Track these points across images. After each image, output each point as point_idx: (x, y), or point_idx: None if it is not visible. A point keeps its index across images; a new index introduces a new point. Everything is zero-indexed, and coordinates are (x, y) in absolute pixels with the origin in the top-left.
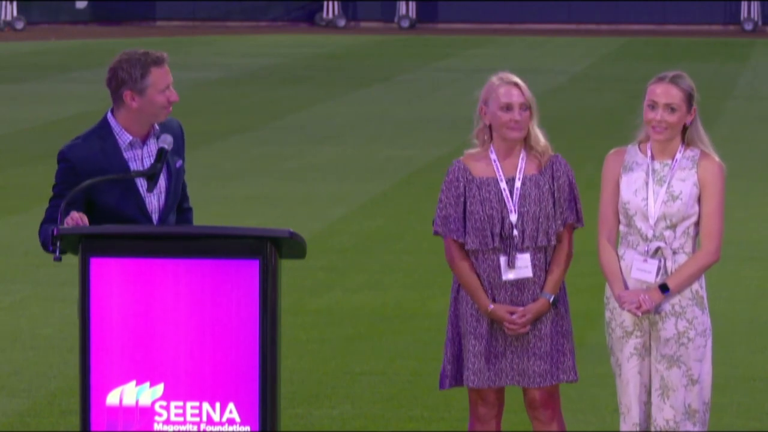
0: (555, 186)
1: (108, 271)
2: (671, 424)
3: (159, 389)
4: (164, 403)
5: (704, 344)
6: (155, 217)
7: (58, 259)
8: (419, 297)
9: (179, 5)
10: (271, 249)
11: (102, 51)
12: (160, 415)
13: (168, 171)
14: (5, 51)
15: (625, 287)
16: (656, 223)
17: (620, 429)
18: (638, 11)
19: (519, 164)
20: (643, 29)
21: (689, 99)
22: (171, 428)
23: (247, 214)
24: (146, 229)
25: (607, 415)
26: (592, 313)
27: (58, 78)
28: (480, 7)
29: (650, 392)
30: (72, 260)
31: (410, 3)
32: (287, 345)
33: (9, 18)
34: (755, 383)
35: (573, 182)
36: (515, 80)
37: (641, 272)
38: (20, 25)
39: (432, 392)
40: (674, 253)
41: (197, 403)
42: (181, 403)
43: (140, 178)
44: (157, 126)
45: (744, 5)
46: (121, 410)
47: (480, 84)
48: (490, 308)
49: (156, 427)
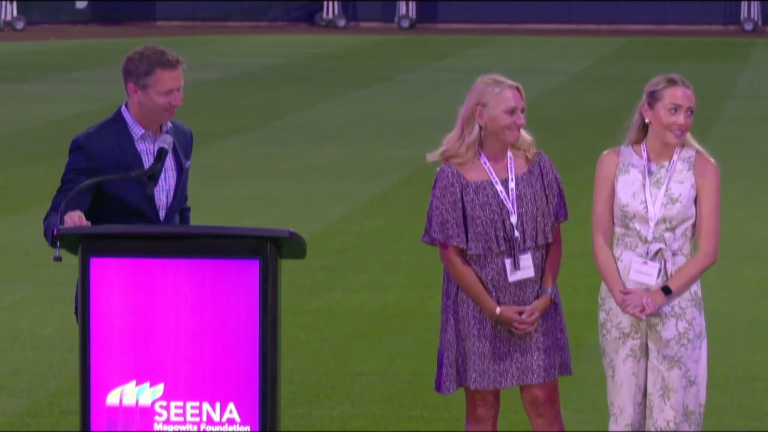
0: (545, 183)
1: (108, 271)
2: (671, 425)
3: (159, 389)
4: (164, 403)
5: (700, 346)
6: (162, 213)
7: (58, 259)
8: (419, 297)
9: (179, 5)
10: (271, 249)
11: (102, 51)
12: (160, 415)
13: (179, 169)
14: (5, 51)
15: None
16: (656, 226)
17: (610, 429)
18: (638, 11)
19: (509, 164)
20: (643, 29)
21: None
22: (171, 428)
23: (247, 214)
24: (146, 229)
25: (607, 415)
26: (590, 314)
27: (58, 78)
28: (480, 7)
29: (645, 393)
30: (72, 260)
31: (410, 3)
32: (287, 345)
33: (9, 18)
34: (755, 383)
35: (558, 177)
36: (515, 84)
37: (641, 274)
38: (20, 25)
39: (432, 392)
40: (674, 255)
41: (197, 403)
42: (181, 403)
43: None
44: (170, 124)
45: (744, 5)
46: (121, 410)
47: None
48: (498, 311)
49: (156, 427)
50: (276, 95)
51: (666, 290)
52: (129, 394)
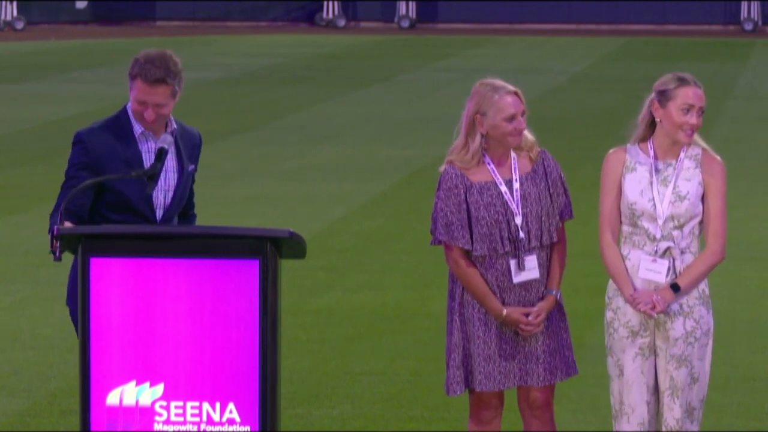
0: (549, 182)
1: (108, 271)
2: (680, 423)
3: (159, 389)
4: (164, 403)
5: (707, 343)
6: (159, 213)
7: (58, 260)
8: (419, 297)
9: (179, 5)
10: (271, 249)
11: (102, 51)
12: (160, 415)
13: (180, 171)
14: (5, 51)
15: (632, 287)
16: (664, 224)
17: (621, 429)
18: (638, 11)
19: (512, 164)
20: (643, 29)
21: None
22: (171, 428)
23: (247, 214)
24: (146, 229)
25: (608, 415)
26: (591, 313)
27: (58, 78)
28: (480, 7)
29: (653, 392)
30: (72, 260)
31: (410, 3)
32: (287, 345)
33: (9, 18)
34: (755, 383)
35: (562, 176)
36: (514, 89)
37: (650, 272)
38: (20, 25)
39: (432, 392)
40: (682, 253)
41: (197, 403)
42: (181, 403)
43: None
44: (175, 125)
45: (744, 5)
46: (121, 410)
47: None
48: (505, 313)
49: (156, 427)
50: (276, 95)
51: (675, 288)
52: (129, 394)
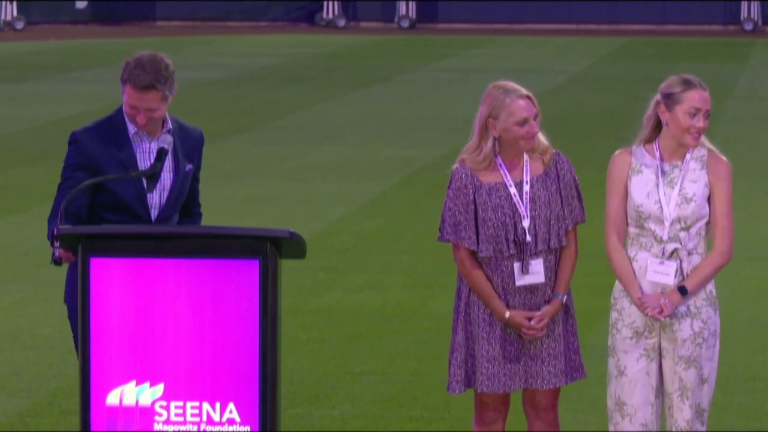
0: (561, 185)
1: (108, 271)
2: (690, 425)
3: (159, 389)
4: (164, 403)
5: (714, 344)
6: (154, 213)
7: (58, 260)
8: (419, 297)
9: (179, 5)
10: (271, 249)
11: (102, 51)
12: (160, 415)
13: (176, 171)
14: (5, 51)
15: (640, 290)
16: (671, 226)
17: (622, 429)
18: (638, 11)
19: (524, 167)
20: (643, 29)
21: None
22: (171, 428)
23: (247, 214)
24: (146, 229)
25: (608, 415)
26: (590, 314)
27: (58, 78)
28: (480, 7)
29: (656, 394)
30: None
31: (410, 3)
32: (287, 345)
33: (9, 18)
34: (755, 383)
35: (576, 179)
36: (526, 92)
37: (658, 274)
38: (20, 25)
39: (432, 392)
40: (689, 254)
41: (197, 403)
42: (181, 403)
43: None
44: (171, 125)
45: (744, 5)
46: (121, 410)
47: (480, 84)
48: (508, 315)
49: (156, 427)
50: (276, 95)
51: (682, 290)
52: (129, 394)
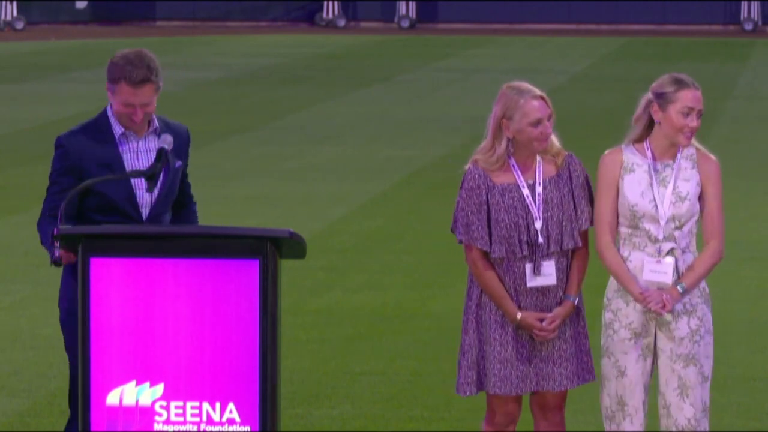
0: (574, 186)
1: (108, 271)
2: (693, 423)
3: (159, 389)
4: (164, 403)
5: (710, 341)
6: (144, 212)
7: (57, 260)
8: (419, 297)
9: (179, 5)
10: (271, 249)
11: (102, 51)
12: (160, 415)
13: (167, 169)
14: (5, 51)
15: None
16: (666, 225)
17: (625, 429)
18: (638, 11)
19: (537, 168)
20: (643, 29)
21: None
22: (171, 428)
23: (247, 214)
24: (146, 229)
25: (603, 416)
26: (591, 313)
27: (58, 78)
28: (480, 7)
29: (649, 392)
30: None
31: (410, 3)
32: (287, 345)
33: (9, 18)
34: (755, 383)
35: (589, 181)
36: (540, 93)
37: (656, 273)
38: (20, 25)
39: (432, 392)
40: (683, 253)
41: (197, 403)
42: (181, 403)
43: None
44: (158, 123)
45: (744, 5)
46: (121, 410)
47: (480, 84)
48: (519, 316)
49: (156, 427)
50: (276, 95)
51: (680, 288)
52: (129, 394)
